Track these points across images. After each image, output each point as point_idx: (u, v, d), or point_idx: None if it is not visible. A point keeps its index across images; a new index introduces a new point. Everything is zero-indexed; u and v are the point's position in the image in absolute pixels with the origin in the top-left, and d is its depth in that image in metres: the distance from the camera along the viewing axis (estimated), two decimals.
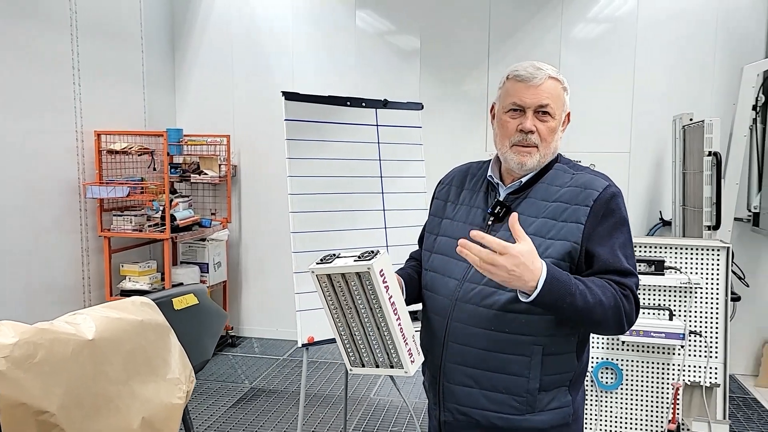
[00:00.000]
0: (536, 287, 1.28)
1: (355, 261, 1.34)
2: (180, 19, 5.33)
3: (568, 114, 1.55)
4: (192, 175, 5.01)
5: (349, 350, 1.45)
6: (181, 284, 4.62)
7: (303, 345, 2.76)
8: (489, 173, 1.59)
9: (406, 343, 1.38)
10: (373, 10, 5.05)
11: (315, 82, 5.03)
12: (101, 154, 4.34)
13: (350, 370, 1.48)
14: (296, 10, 5.14)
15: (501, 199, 1.54)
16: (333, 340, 2.83)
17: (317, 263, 1.40)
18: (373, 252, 1.36)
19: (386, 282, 1.34)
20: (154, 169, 4.63)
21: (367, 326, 1.39)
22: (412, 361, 1.40)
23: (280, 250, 5.28)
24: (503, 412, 1.46)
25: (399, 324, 1.36)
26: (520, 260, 1.25)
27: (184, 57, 5.36)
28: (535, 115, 1.48)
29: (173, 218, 4.45)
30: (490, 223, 1.52)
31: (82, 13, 4.21)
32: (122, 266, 4.54)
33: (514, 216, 1.31)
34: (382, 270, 1.33)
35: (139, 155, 4.52)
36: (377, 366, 1.44)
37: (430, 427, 1.66)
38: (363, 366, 1.46)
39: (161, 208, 4.41)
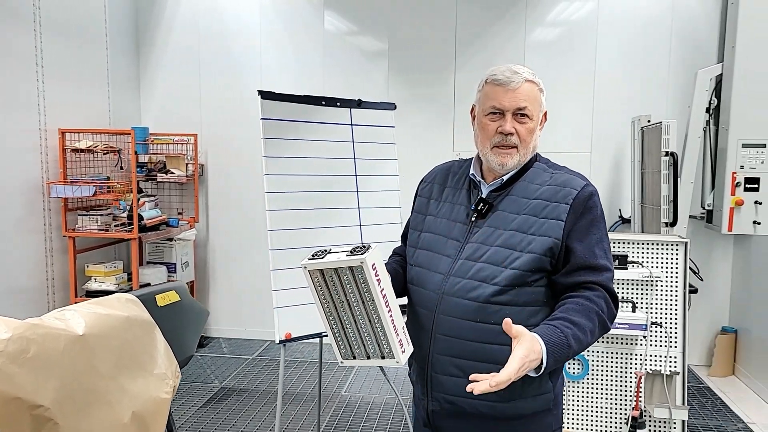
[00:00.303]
0: (542, 363, 1.36)
1: (347, 256, 1.37)
2: (145, 16, 5.27)
3: (545, 113, 1.62)
4: (158, 174, 4.96)
5: (340, 343, 1.48)
6: (149, 284, 4.56)
7: (281, 341, 2.78)
8: (471, 171, 1.65)
9: (397, 334, 1.42)
10: (342, 11, 5.09)
11: (283, 81, 5.04)
12: (65, 152, 4.26)
13: (341, 362, 1.51)
14: (264, 9, 5.14)
15: (484, 196, 1.60)
16: (310, 336, 2.88)
17: (309, 259, 1.42)
18: (364, 247, 1.40)
19: (378, 275, 1.38)
20: (121, 168, 4.57)
21: (359, 319, 1.42)
22: (403, 351, 1.44)
23: (248, 250, 5.28)
24: (489, 400, 1.51)
25: (390, 316, 1.40)
26: (527, 360, 1.32)
27: (149, 55, 5.30)
28: (513, 117, 1.55)
29: (140, 218, 4.40)
30: (473, 219, 1.59)
31: (46, 9, 4.13)
32: (87, 267, 4.46)
33: (507, 321, 1.35)
34: (374, 264, 1.37)
35: (104, 154, 4.45)
36: (368, 357, 1.46)
37: (417, 417, 1.71)
38: (354, 358, 1.49)
39: (128, 207, 4.36)
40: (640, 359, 3.02)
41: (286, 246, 2.87)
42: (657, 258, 3.05)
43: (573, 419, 3.10)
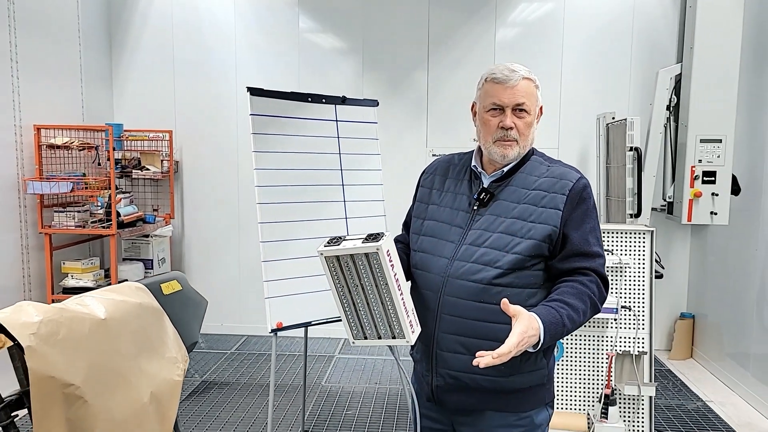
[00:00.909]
0: (539, 339, 1.50)
1: (363, 243, 1.47)
2: (118, 13, 5.24)
3: (541, 108, 1.76)
4: (133, 171, 4.95)
5: (352, 325, 1.58)
6: (126, 281, 4.56)
7: (272, 330, 2.87)
8: (473, 163, 1.78)
9: (408, 316, 1.53)
10: (316, 10, 5.17)
11: (258, 79, 5.09)
12: (41, 148, 4.23)
13: (353, 342, 1.61)
14: (238, 7, 5.18)
15: (485, 186, 1.73)
16: (300, 325, 2.97)
17: (325, 246, 1.51)
18: (378, 234, 1.50)
19: (391, 261, 1.48)
20: (99, 164, 4.56)
21: (372, 302, 1.52)
22: (413, 332, 1.54)
23: (224, 246, 5.32)
24: (490, 375, 1.63)
25: (402, 298, 1.51)
26: (525, 336, 1.46)
27: (123, 52, 5.27)
28: (513, 112, 1.67)
29: (117, 214, 4.40)
30: (475, 208, 1.71)
31: (20, 4, 4.09)
32: (64, 264, 4.43)
33: (505, 301, 1.50)
34: (388, 250, 1.47)
35: (80, 150, 4.43)
36: (380, 338, 1.57)
37: (421, 393, 1.81)
38: (365, 338, 1.59)
39: (106, 203, 4.35)
40: (611, 341, 3.22)
41: (275, 238, 2.96)
42: (626, 246, 3.25)
43: None
